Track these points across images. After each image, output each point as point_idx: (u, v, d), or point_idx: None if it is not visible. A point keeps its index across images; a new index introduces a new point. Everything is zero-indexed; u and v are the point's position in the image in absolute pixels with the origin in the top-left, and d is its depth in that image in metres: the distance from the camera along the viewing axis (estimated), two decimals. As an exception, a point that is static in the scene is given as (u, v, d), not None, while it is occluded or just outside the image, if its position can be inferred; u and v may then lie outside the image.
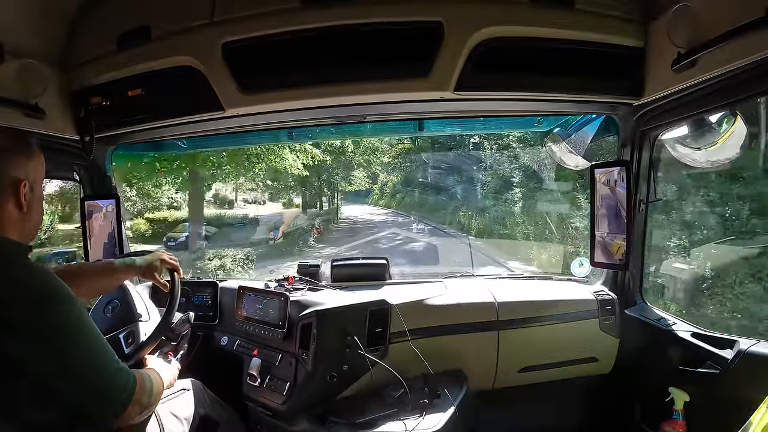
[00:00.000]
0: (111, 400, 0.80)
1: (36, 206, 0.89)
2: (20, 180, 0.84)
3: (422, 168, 16.27)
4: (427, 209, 16.04)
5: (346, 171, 15.54)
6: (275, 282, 1.76)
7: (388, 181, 21.31)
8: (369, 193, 26.36)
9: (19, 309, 0.75)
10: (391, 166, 17.43)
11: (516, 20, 1.22)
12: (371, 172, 16.59)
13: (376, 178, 19.09)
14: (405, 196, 21.54)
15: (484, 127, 2.32)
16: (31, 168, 0.88)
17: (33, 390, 0.76)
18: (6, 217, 0.83)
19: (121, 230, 1.80)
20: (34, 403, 0.77)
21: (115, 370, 0.81)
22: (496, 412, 1.72)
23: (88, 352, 0.78)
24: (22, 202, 0.85)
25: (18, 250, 0.84)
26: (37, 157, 0.90)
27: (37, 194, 0.90)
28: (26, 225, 0.88)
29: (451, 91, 1.25)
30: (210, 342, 1.73)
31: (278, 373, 1.51)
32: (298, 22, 1.21)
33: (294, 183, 14.59)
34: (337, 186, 17.12)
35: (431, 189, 16.26)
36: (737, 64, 1.01)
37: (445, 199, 14.47)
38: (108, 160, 1.79)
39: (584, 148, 1.80)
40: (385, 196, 23.15)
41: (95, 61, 1.37)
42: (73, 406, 0.79)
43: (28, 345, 0.75)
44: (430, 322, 1.61)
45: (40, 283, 0.78)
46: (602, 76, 1.32)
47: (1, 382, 0.75)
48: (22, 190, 0.84)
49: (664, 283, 4.01)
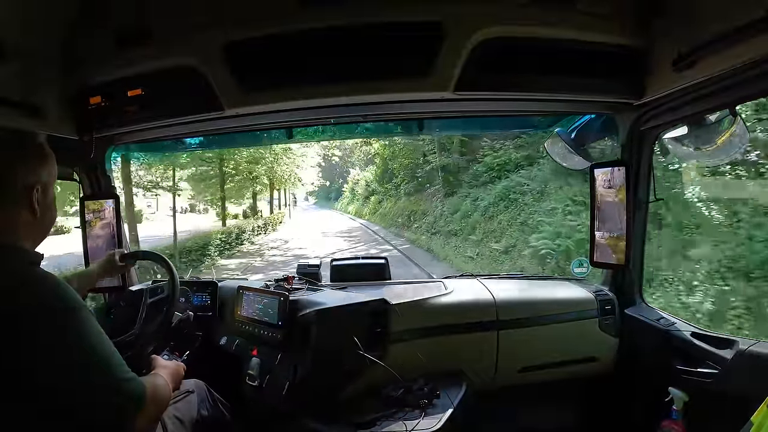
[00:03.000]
0: (121, 410, 0.79)
1: (48, 210, 0.90)
2: (33, 186, 0.84)
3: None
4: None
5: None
6: (275, 282, 1.76)
7: (359, 180, 17.31)
8: (338, 195, 22.97)
9: (32, 321, 0.74)
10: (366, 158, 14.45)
11: (516, 20, 1.22)
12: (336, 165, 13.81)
13: (344, 174, 16.88)
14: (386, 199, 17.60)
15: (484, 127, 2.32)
16: (44, 172, 0.88)
17: (43, 401, 0.75)
18: (20, 225, 0.83)
19: (120, 230, 1.80)
20: (43, 414, 0.76)
21: (126, 380, 0.80)
22: (495, 412, 1.72)
23: (96, 362, 0.78)
24: (36, 208, 0.85)
25: (31, 258, 0.84)
26: (49, 161, 0.90)
27: (49, 197, 0.90)
28: (40, 228, 0.88)
29: (451, 91, 1.25)
30: (209, 342, 1.73)
31: (278, 373, 1.51)
32: (298, 22, 1.21)
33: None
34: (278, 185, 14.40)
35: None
36: (737, 64, 1.01)
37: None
38: (108, 160, 1.79)
39: (584, 148, 1.81)
40: (356, 200, 19.28)
41: (95, 61, 1.36)
42: (83, 417, 0.78)
43: (40, 356, 0.74)
44: (429, 322, 1.61)
45: (53, 295, 0.78)
46: (602, 76, 1.31)
47: (10, 392, 0.74)
48: (35, 195, 0.84)
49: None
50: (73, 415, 0.77)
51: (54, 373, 0.75)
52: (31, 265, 0.82)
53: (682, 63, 1.12)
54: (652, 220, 2.49)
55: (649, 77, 1.30)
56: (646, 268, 1.74)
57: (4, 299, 0.75)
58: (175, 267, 1.42)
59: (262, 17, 1.21)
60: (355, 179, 17.27)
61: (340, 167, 26.23)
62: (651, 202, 1.60)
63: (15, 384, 0.73)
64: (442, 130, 2.27)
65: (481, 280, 1.90)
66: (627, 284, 1.73)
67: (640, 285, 1.74)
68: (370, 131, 2.08)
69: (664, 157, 1.75)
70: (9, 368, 0.73)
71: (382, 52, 1.23)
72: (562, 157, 1.88)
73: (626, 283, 1.73)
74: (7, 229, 0.82)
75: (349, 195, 19.94)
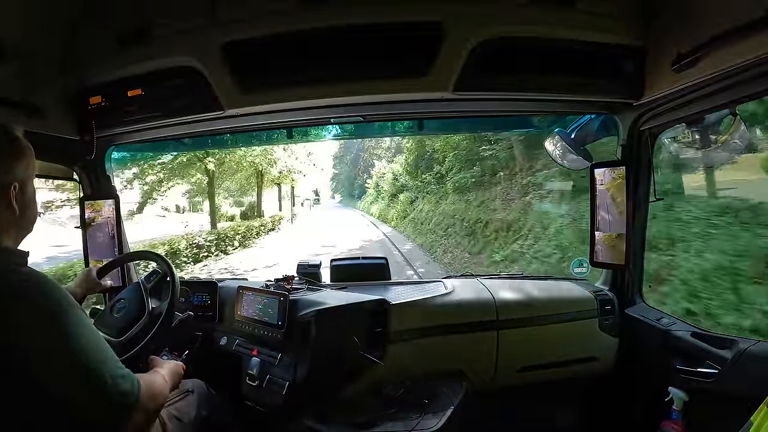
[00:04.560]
0: (115, 406, 0.78)
1: (28, 206, 0.87)
2: (9, 184, 0.82)
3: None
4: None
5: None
6: (275, 282, 1.76)
7: (385, 173, 12.94)
8: (362, 192, 17.52)
9: (21, 318, 0.74)
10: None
11: (516, 20, 1.22)
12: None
13: (368, 168, 11.92)
14: (423, 198, 11.56)
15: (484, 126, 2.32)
16: (21, 168, 0.84)
17: (36, 399, 0.75)
18: (1, 225, 0.82)
19: (120, 230, 1.80)
20: (37, 412, 0.76)
21: (120, 377, 0.80)
22: (495, 412, 1.72)
23: (91, 360, 0.77)
24: (14, 206, 0.82)
25: (16, 258, 0.82)
26: (25, 155, 0.86)
27: (28, 193, 0.87)
28: (21, 225, 0.86)
29: (450, 91, 1.25)
30: (209, 342, 1.73)
31: (277, 373, 1.51)
32: (298, 22, 1.21)
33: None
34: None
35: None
36: (737, 64, 1.01)
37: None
38: (108, 160, 1.79)
39: (584, 148, 1.81)
40: (381, 199, 14.13)
41: (95, 61, 1.37)
42: (77, 414, 0.78)
43: (30, 354, 0.74)
44: (429, 322, 1.61)
45: (40, 292, 0.77)
46: (602, 75, 1.32)
47: (2, 391, 0.74)
48: (13, 193, 0.82)
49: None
50: (69, 412, 0.77)
51: (46, 372, 0.75)
52: (17, 265, 0.80)
53: (682, 63, 1.12)
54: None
55: (648, 77, 1.30)
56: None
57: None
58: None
59: (262, 17, 1.22)
60: (380, 173, 13.97)
61: (364, 160, 23.93)
62: (651, 202, 1.61)
63: (7, 383, 0.73)
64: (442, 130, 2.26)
65: (481, 280, 1.90)
66: (627, 284, 1.73)
67: (640, 285, 1.74)
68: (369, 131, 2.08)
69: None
70: (2, 368, 0.73)
71: (382, 52, 1.23)
72: (562, 157, 1.88)
73: (626, 283, 1.74)
74: None
75: (372, 192, 16.03)
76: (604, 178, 1.65)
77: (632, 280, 1.72)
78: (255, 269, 8.93)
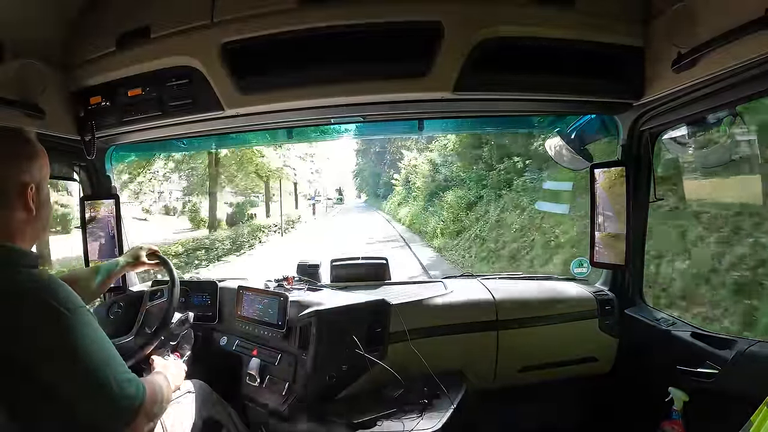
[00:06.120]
0: (120, 410, 0.78)
1: (44, 206, 0.88)
2: (26, 184, 0.83)
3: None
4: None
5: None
6: (275, 282, 1.76)
7: (417, 164, 9.32)
8: (387, 191, 12.98)
9: (27, 319, 0.74)
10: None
11: (516, 20, 1.22)
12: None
13: (395, 163, 8.27)
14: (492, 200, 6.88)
15: (484, 127, 2.32)
16: (36, 169, 0.86)
17: (41, 401, 0.75)
18: (14, 224, 0.82)
19: (120, 230, 1.80)
20: (42, 414, 0.76)
21: (125, 381, 0.80)
22: (495, 412, 1.72)
23: (96, 363, 0.77)
24: (30, 206, 0.83)
25: (26, 260, 0.82)
26: (41, 157, 0.88)
27: (43, 194, 0.88)
28: (34, 227, 0.87)
29: (450, 91, 1.25)
30: (209, 342, 1.73)
31: (277, 373, 1.51)
32: (298, 22, 1.21)
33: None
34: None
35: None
36: (737, 64, 1.01)
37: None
38: (108, 160, 1.79)
39: (584, 148, 1.81)
40: (413, 200, 9.66)
41: (95, 61, 1.37)
42: (82, 418, 0.78)
43: (37, 356, 0.74)
44: (429, 322, 1.61)
45: (48, 293, 0.77)
46: (602, 76, 1.32)
47: (9, 393, 0.74)
48: (29, 193, 0.83)
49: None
50: (73, 415, 0.77)
51: (53, 374, 0.75)
52: (29, 267, 0.81)
53: (682, 63, 1.12)
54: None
55: (648, 77, 1.30)
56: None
57: (3, 302, 0.74)
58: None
59: (262, 17, 1.22)
60: (411, 164, 10.49)
61: (391, 153, 18.39)
62: (651, 202, 1.61)
63: (13, 383, 0.74)
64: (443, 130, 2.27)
65: (481, 280, 1.90)
66: (627, 284, 1.73)
67: (640, 285, 1.74)
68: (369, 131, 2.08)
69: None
70: (9, 369, 0.73)
71: (382, 52, 1.23)
72: (562, 157, 1.88)
73: (626, 283, 1.73)
74: (2, 231, 0.81)
75: (401, 191, 12.42)
76: (604, 179, 1.64)
77: (632, 281, 1.72)
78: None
